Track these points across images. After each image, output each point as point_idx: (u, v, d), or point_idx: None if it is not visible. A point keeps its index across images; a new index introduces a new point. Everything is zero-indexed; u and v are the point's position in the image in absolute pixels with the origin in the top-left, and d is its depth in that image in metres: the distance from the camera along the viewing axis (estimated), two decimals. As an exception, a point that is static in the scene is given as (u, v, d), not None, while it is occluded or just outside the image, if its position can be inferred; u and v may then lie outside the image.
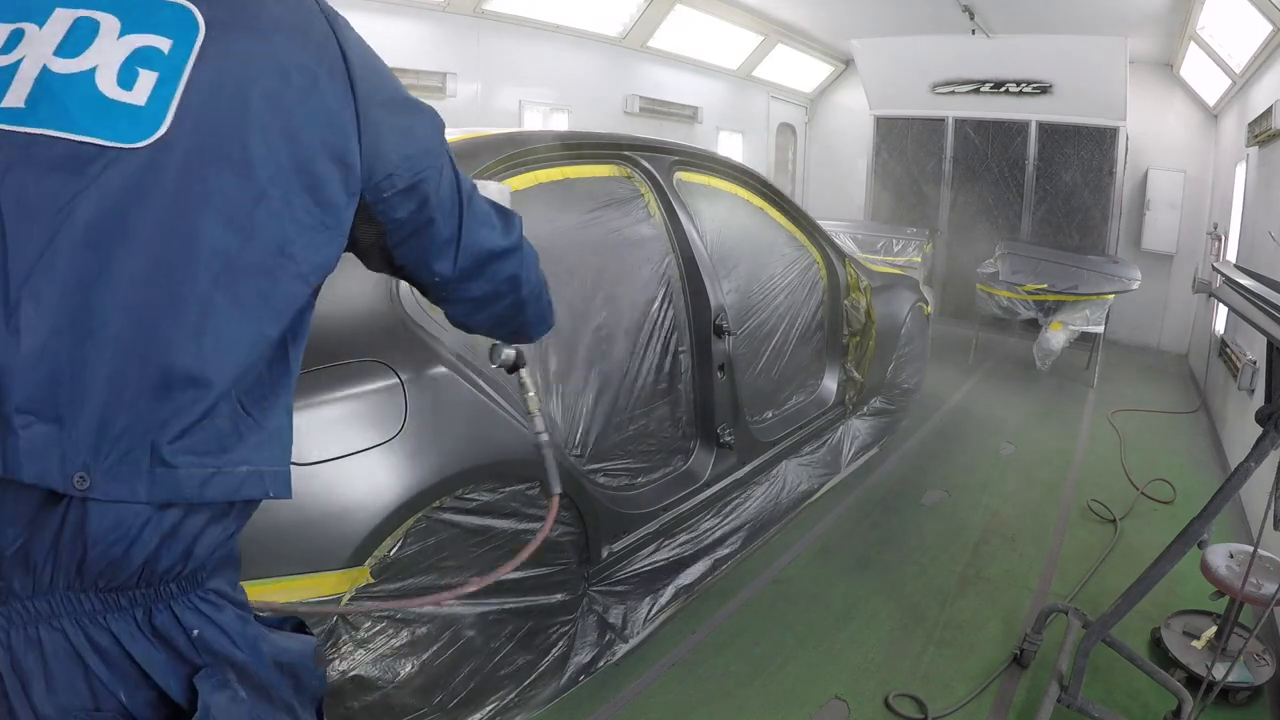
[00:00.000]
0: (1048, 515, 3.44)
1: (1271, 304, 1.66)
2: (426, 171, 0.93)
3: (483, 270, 1.06)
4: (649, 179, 2.63)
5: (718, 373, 2.69)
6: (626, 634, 2.30)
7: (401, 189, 0.91)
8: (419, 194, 0.93)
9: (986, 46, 6.29)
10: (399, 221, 0.93)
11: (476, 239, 1.03)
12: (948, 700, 2.19)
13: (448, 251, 1.01)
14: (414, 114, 0.95)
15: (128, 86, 0.75)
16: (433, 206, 0.95)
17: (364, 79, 0.86)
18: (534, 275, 1.18)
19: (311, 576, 1.47)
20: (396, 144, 0.90)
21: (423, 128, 0.95)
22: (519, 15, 5.05)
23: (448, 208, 0.97)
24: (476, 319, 1.15)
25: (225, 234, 0.75)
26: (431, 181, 0.94)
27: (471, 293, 1.08)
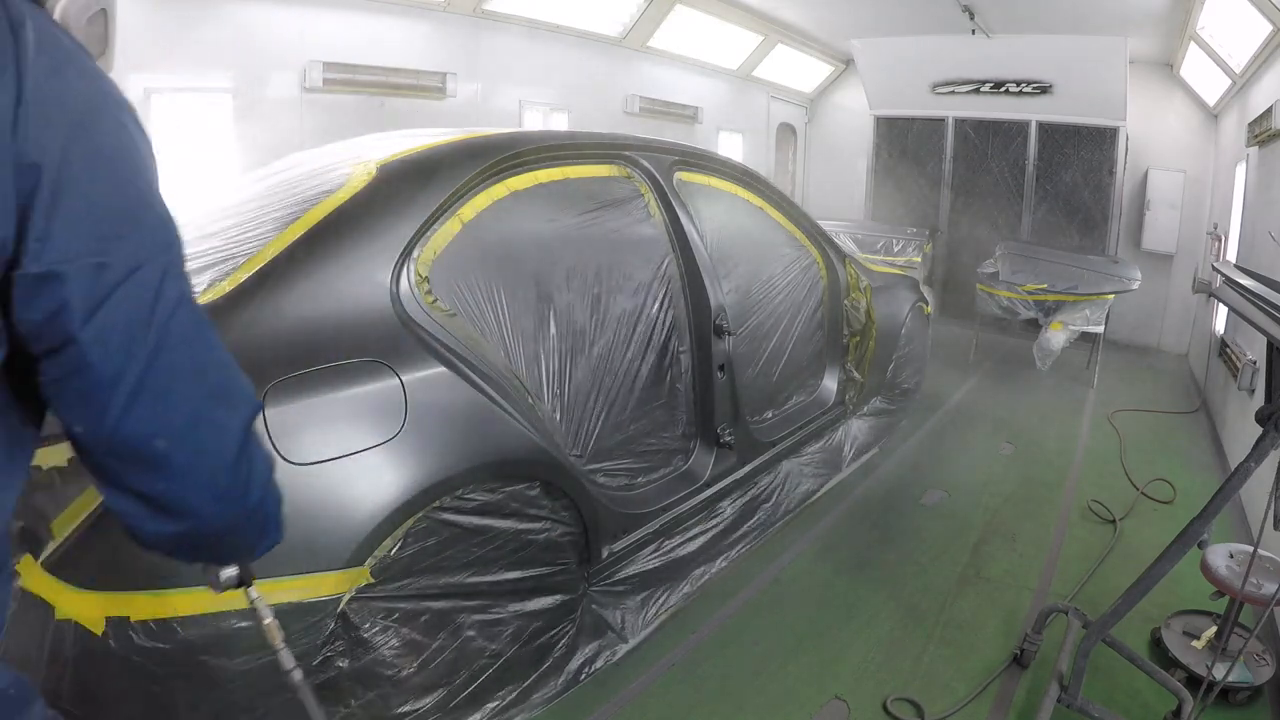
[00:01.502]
0: (1048, 515, 3.43)
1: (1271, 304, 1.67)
2: (117, 264, 0.67)
3: (143, 456, 0.72)
4: (649, 179, 2.63)
5: (718, 373, 2.69)
6: (626, 634, 2.30)
7: (43, 271, 0.65)
8: (68, 289, 0.66)
9: (986, 46, 6.29)
10: (30, 325, 0.66)
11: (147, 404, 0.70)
12: (948, 700, 2.19)
13: (88, 405, 0.70)
14: (127, 173, 0.71)
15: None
16: (75, 320, 0.66)
17: (40, 95, 0.65)
18: (255, 497, 0.84)
19: (311, 576, 1.47)
20: (64, 200, 0.66)
21: (136, 200, 0.71)
22: (519, 15, 5.05)
23: (106, 331, 0.68)
24: (147, 530, 0.78)
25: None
26: (88, 281, 0.66)
27: (128, 486, 0.74)
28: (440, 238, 1.92)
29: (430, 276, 1.86)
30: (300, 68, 3.96)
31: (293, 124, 3.94)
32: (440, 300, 1.86)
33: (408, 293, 1.79)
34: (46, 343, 0.67)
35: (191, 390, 0.74)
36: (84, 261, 0.66)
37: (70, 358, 0.67)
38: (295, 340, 1.58)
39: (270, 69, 3.88)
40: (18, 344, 0.68)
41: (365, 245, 1.78)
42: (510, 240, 2.14)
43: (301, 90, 3.99)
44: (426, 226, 1.89)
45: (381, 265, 1.78)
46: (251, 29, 3.77)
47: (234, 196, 2.19)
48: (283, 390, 1.49)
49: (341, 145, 2.47)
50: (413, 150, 2.06)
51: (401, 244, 1.82)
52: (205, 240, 1.83)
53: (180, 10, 3.45)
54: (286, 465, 1.45)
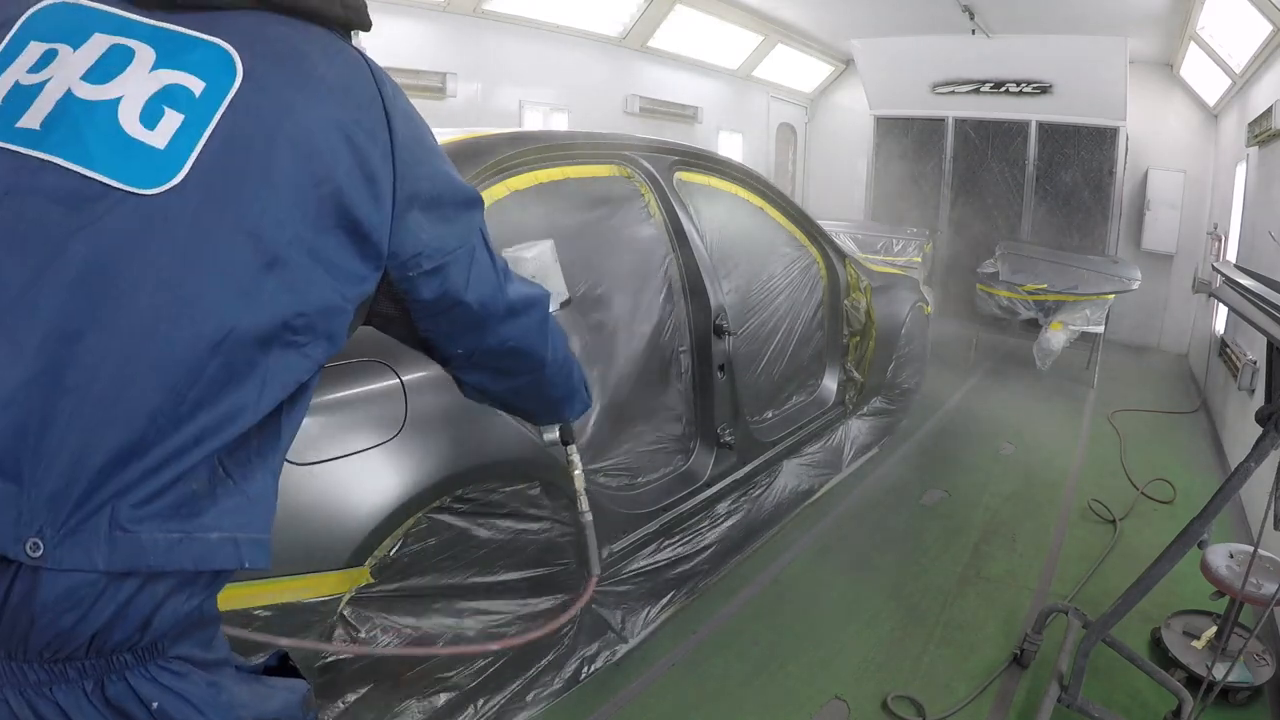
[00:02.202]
0: (1048, 515, 3.43)
1: (1271, 304, 1.66)
2: (458, 254, 0.90)
3: (506, 350, 1.05)
4: (649, 179, 2.63)
5: (718, 373, 2.69)
6: (626, 634, 2.30)
7: (428, 270, 0.87)
8: (447, 277, 0.89)
9: (986, 46, 6.29)
10: (424, 302, 0.90)
11: (503, 324, 1.00)
12: (948, 700, 2.19)
13: (472, 333, 0.98)
14: (452, 193, 0.90)
15: (150, 125, 0.70)
16: (460, 290, 0.92)
17: (405, 151, 0.81)
18: (559, 355, 1.16)
19: (311, 576, 1.47)
20: (429, 223, 0.85)
21: (460, 208, 0.91)
22: (519, 15, 5.05)
23: (476, 292, 0.94)
24: (493, 390, 1.13)
25: (230, 301, 0.69)
26: (461, 264, 0.91)
27: (490, 367, 1.07)
28: (440, 238, 1.92)
29: (430, 276, 1.86)
30: (300, 68, 3.95)
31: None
32: (440, 300, 1.86)
33: (408, 293, 1.79)
34: (441, 306, 0.92)
35: (520, 302, 1.02)
36: (458, 252, 0.90)
37: (461, 313, 0.94)
38: (295, 340, 1.58)
39: (270, 69, 3.88)
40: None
41: (365, 245, 1.78)
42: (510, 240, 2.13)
43: (301, 90, 3.98)
44: (426, 226, 1.89)
45: (381, 265, 1.77)
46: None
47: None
48: (283, 390, 1.49)
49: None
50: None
51: (401, 244, 1.82)
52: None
53: (180, 10, 3.45)
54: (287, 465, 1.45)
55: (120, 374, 0.65)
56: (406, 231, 0.83)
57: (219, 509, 0.70)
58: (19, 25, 0.73)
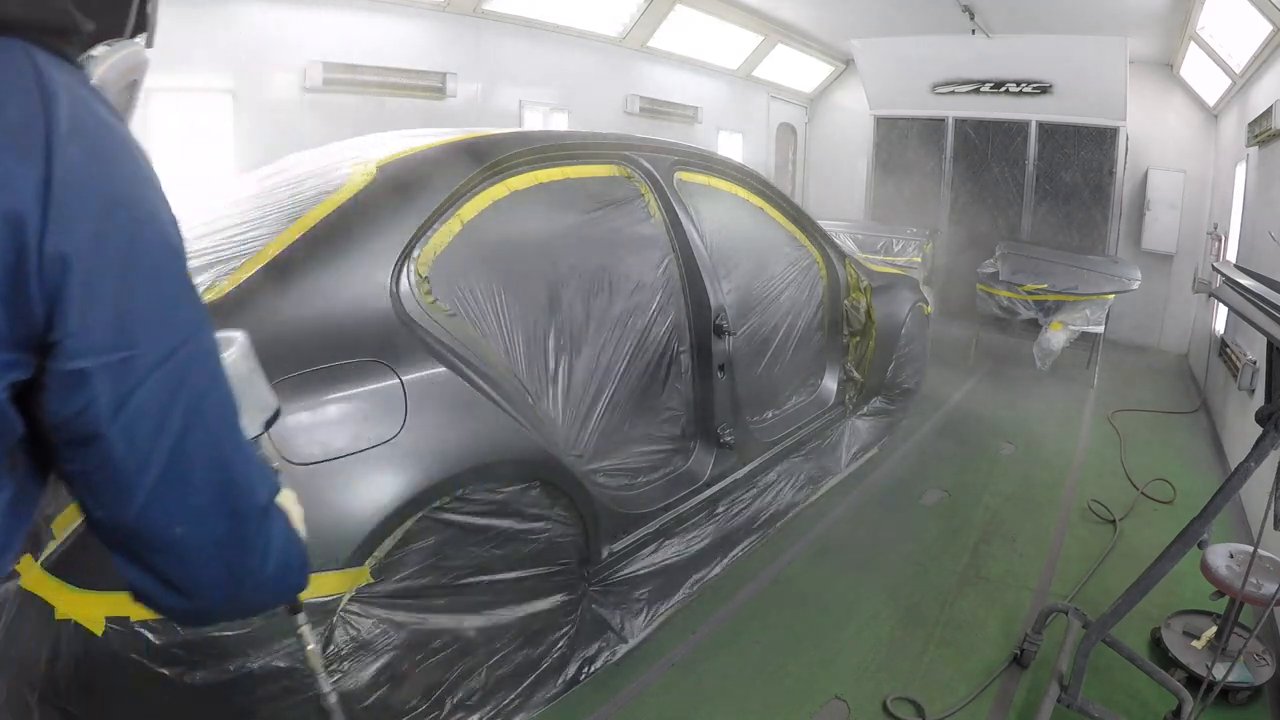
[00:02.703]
0: (1048, 515, 3.43)
1: (1271, 304, 1.67)
2: (128, 361, 0.64)
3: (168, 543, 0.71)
4: (649, 179, 2.63)
5: (718, 373, 2.69)
6: (626, 634, 2.30)
7: (84, 368, 0.62)
8: (91, 388, 0.63)
9: (986, 46, 6.29)
10: (50, 418, 0.64)
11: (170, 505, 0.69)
12: (948, 700, 2.19)
13: (114, 495, 0.68)
14: (157, 266, 0.67)
15: None
16: (105, 417, 0.64)
17: (70, 180, 0.61)
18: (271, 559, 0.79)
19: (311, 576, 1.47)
20: (93, 300, 0.62)
21: (161, 294, 0.67)
22: (519, 15, 5.05)
23: (131, 431, 0.65)
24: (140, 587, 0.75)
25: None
26: (124, 377, 0.64)
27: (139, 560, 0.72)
28: (440, 238, 1.92)
29: (430, 276, 1.86)
30: (300, 68, 3.96)
31: (293, 124, 3.94)
32: (440, 300, 1.86)
33: (408, 293, 1.79)
34: (72, 434, 0.65)
35: (214, 477, 0.72)
36: (113, 356, 0.64)
37: (97, 451, 0.65)
38: (295, 340, 1.58)
39: (270, 69, 3.88)
40: (37, 427, 0.65)
41: (365, 245, 1.78)
42: (510, 240, 2.14)
43: (301, 90, 3.99)
44: (426, 226, 1.89)
45: (381, 265, 1.78)
46: (251, 29, 3.77)
47: (234, 196, 2.19)
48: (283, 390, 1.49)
49: (341, 145, 2.47)
50: (413, 150, 2.06)
51: (401, 244, 1.82)
52: (206, 240, 1.83)
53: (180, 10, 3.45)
54: (287, 465, 1.45)
55: None
56: (49, 297, 0.60)
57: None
58: None
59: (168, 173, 0.76)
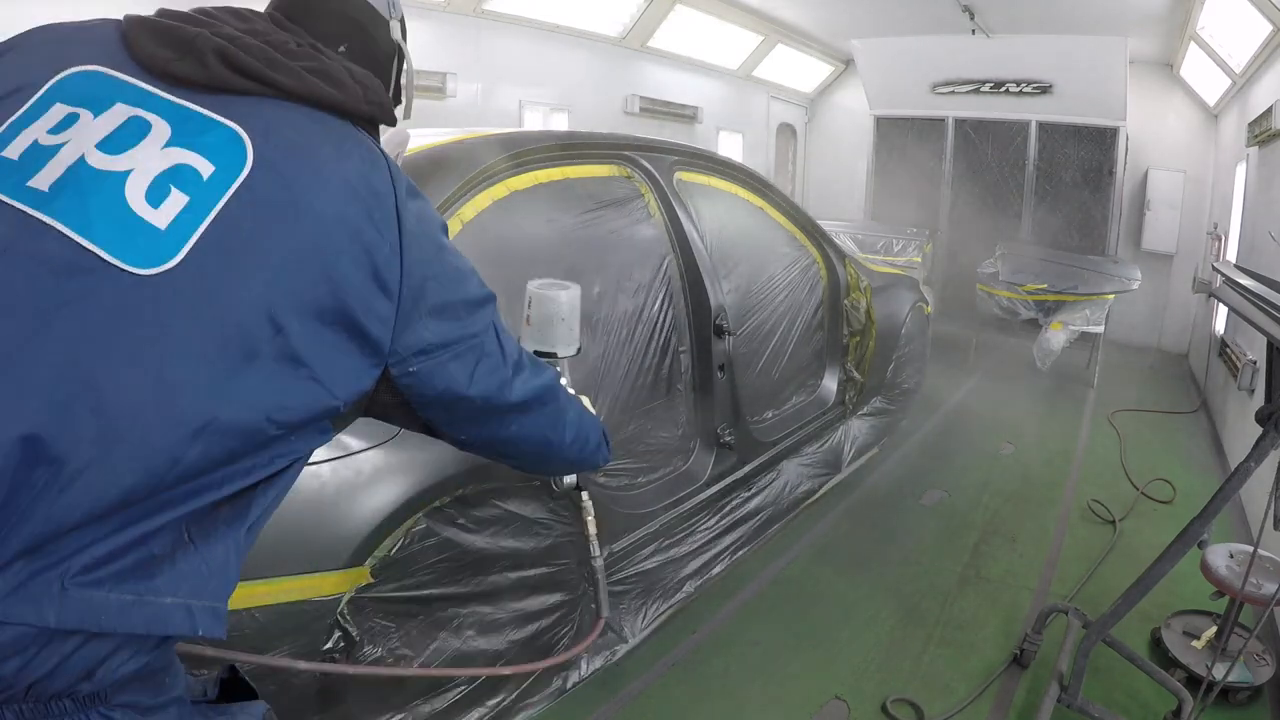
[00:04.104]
0: (1048, 515, 3.43)
1: (1271, 304, 1.67)
2: (461, 349, 0.88)
3: (513, 439, 1.03)
4: (649, 179, 2.63)
5: (718, 373, 2.69)
6: (626, 634, 2.30)
7: (430, 367, 0.85)
8: (449, 373, 0.87)
9: (986, 46, 6.29)
10: (425, 397, 0.88)
11: (510, 419, 0.99)
12: (948, 700, 2.19)
13: (477, 424, 0.97)
14: (463, 293, 0.89)
15: (155, 203, 0.70)
16: (463, 385, 0.90)
17: (415, 252, 0.81)
18: (569, 432, 1.12)
19: (311, 576, 1.47)
20: (435, 324, 0.84)
21: (470, 307, 0.90)
22: (519, 15, 5.05)
23: (481, 387, 0.92)
24: (504, 460, 1.13)
25: (211, 391, 0.68)
26: (466, 359, 0.89)
27: (498, 451, 1.07)
28: (440, 238, 1.92)
29: (430, 276, 1.86)
30: (300, 68, 3.95)
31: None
32: (440, 300, 1.86)
33: (408, 293, 1.79)
34: (440, 402, 0.90)
35: (530, 398, 1.00)
36: (459, 347, 0.88)
37: (464, 406, 0.92)
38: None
39: (270, 69, 3.88)
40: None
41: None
42: (510, 240, 2.14)
43: (301, 90, 3.98)
44: (426, 226, 1.89)
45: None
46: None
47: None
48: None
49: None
50: (412, 150, 2.06)
51: (401, 244, 1.82)
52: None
53: (180, 10, 3.45)
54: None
55: (99, 453, 0.64)
56: (410, 332, 0.82)
57: (176, 573, 0.68)
58: (48, 87, 0.74)
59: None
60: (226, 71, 0.76)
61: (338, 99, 0.81)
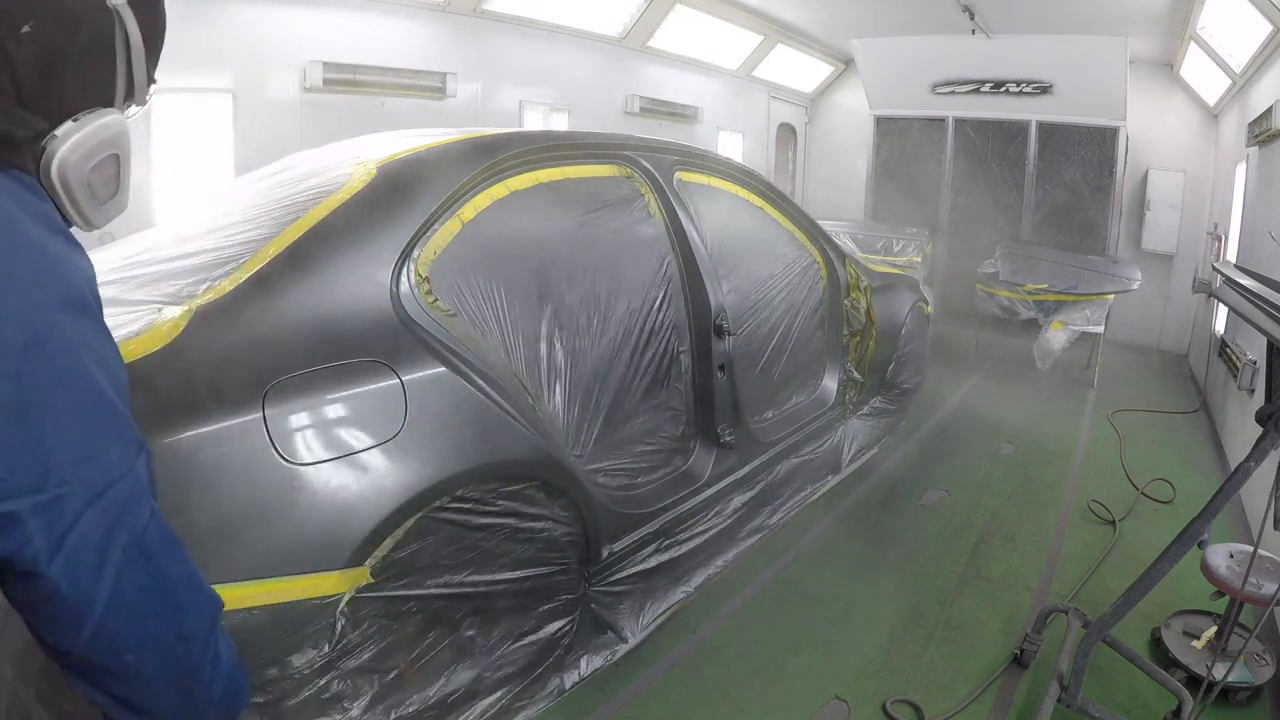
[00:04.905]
0: (1048, 515, 3.43)
1: (1271, 304, 1.67)
2: (62, 495, 0.62)
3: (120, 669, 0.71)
4: (649, 179, 2.63)
5: (718, 373, 2.69)
6: (626, 634, 2.30)
7: (13, 510, 0.60)
8: (24, 529, 0.61)
9: (986, 46, 6.29)
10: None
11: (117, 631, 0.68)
12: (948, 700, 2.19)
13: (67, 623, 0.67)
14: (73, 398, 0.63)
15: None
16: (42, 557, 0.62)
17: None
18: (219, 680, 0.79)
19: (311, 576, 1.47)
20: (12, 438, 0.59)
21: (84, 425, 0.64)
22: (519, 15, 5.05)
23: (72, 566, 0.64)
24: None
25: None
26: (55, 515, 0.62)
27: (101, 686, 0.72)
28: (440, 238, 1.92)
29: (430, 276, 1.86)
30: (300, 68, 3.96)
31: (293, 124, 3.94)
32: (440, 300, 1.86)
33: (408, 293, 1.79)
34: (13, 570, 0.63)
35: (159, 605, 0.71)
36: (44, 496, 0.61)
37: (39, 586, 0.64)
38: (295, 340, 1.58)
39: (270, 69, 3.88)
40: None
41: (365, 245, 1.78)
42: (510, 240, 2.14)
43: (301, 90, 3.99)
44: (427, 226, 1.89)
45: (381, 265, 1.78)
46: (251, 29, 3.77)
47: (234, 196, 2.19)
48: (283, 390, 1.49)
49: (341, 145, 2.47)
50: (413, 150, 2.06)
51: (402, 244, 1.82)
52: (206, 239, 1.83)
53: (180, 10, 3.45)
54: (287, 465, 1.45)
55: None
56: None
57: None
58: None
59: (168, 173, 0.74)
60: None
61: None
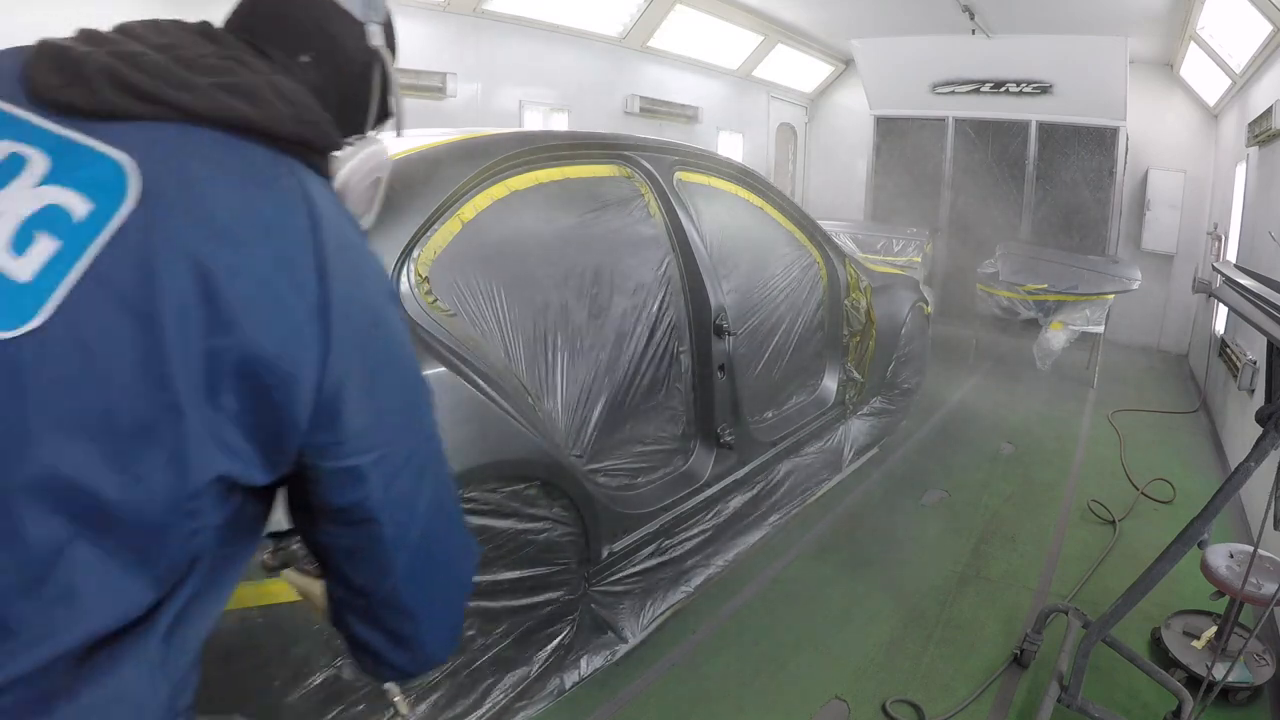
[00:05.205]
0: (1048, 515, 3.43)
1: (1271, 304, 1.67)
2: (388, 456, 0.72)
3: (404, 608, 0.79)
4: (649, 179, 2.63)
5: (718, 373, 2.69)
6: (626, 634, 2.30)
7: (357, 465, 0.69)
8: (365, 481, 0.71)
9: (986, 46, 6.29)
10: (328, 504, 0.71)
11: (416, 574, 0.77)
12: (948, 700, 2.19)
13: (375, 568, 0.76)
14: (400, 374, 0.74)
15: (19, 251, 0.59)
16: (377, 504, 0.72)
17: (341, 309, 0.66)
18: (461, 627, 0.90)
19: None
20: (360, 405, 0.68)
21: (407, 395, 0.75)
22: (519, 15, 5.05)
23: (397, 515, 0.74)
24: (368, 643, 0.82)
25: (96, 471, 0.58)
26: (387, 471, 0.72)
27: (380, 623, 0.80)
28: (440, 238, 1.92)
29: (430, 276, 1.86)
30: (300, 68, 3.95)
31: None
32: (440, 300, 1.86)
33: (408, 293, 1.79)
34: (349, 518, 0.72)
35: (450, 550, 0.82)
36: (379, 453, 0.71)
37: (368, 532, 0.73)
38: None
39: (270, 69, 3.87)
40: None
41: (365, 245, 1.78)
42: (510, 240, 2.14)
43: (301, 90, 3.98)
44: (426, 226, 1.89)
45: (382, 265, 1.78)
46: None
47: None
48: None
49: (341, 145, 2.46)
50: (412, 150, 2.06)
51: (401, 244, 1.82)
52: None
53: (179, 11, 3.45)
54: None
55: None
56: (335, 409, 0.67)
57: (88, 699, 0.58)
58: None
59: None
60: (115, 94, 0.64)
61: (254, 119, 0.67)
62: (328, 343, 0.65)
